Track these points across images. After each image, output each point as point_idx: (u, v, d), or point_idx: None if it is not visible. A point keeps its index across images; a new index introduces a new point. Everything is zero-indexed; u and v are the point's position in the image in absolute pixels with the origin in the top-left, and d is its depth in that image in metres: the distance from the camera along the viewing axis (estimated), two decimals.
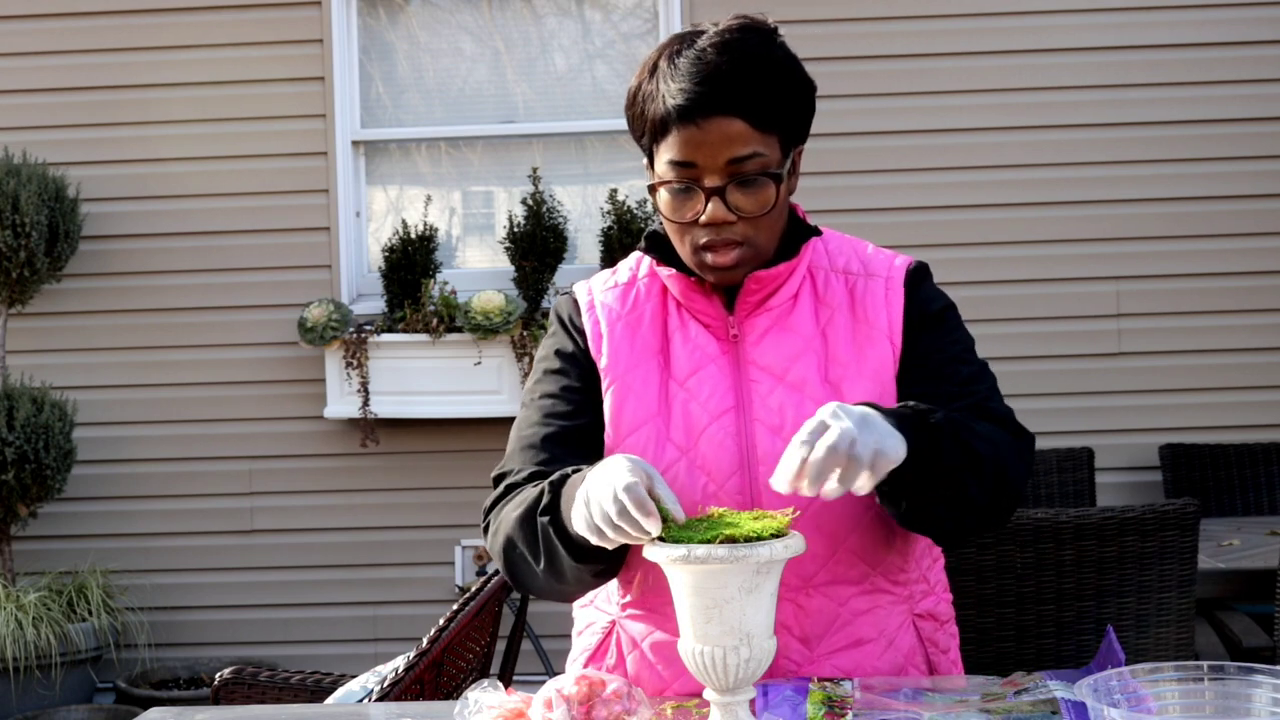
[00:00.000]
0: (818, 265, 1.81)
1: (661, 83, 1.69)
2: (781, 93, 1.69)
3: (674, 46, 1.71)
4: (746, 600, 1.40)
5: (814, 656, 1.72)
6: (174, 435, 4.89)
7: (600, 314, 1.82)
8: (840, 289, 1.79)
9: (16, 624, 4.39)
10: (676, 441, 1.73)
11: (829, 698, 1.55)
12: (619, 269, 1.88)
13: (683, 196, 1.70)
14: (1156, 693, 1.33)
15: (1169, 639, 2.80)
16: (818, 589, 1.71)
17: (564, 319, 1.85)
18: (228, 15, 4.89)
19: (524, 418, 1.83)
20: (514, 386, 4.67)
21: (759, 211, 1.70)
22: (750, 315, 1.76)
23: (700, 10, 4.82)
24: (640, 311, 1.81)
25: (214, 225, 4.89)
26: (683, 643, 1.45)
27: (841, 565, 1.72)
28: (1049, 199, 4.78)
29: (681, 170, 1.69)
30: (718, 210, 1.68)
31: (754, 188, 1.68)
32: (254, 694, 2.76)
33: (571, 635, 1.90)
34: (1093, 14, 4.78)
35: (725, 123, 1.66)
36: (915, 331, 1.76)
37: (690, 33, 1.72)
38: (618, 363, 1.78)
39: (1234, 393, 4.76)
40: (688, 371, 1.76)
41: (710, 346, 1.77)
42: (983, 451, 1.62)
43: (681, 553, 1.40)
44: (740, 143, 1.66)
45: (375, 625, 4.87)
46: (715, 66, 1.66)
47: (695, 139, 1.67)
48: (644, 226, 4.71)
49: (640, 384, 1.76)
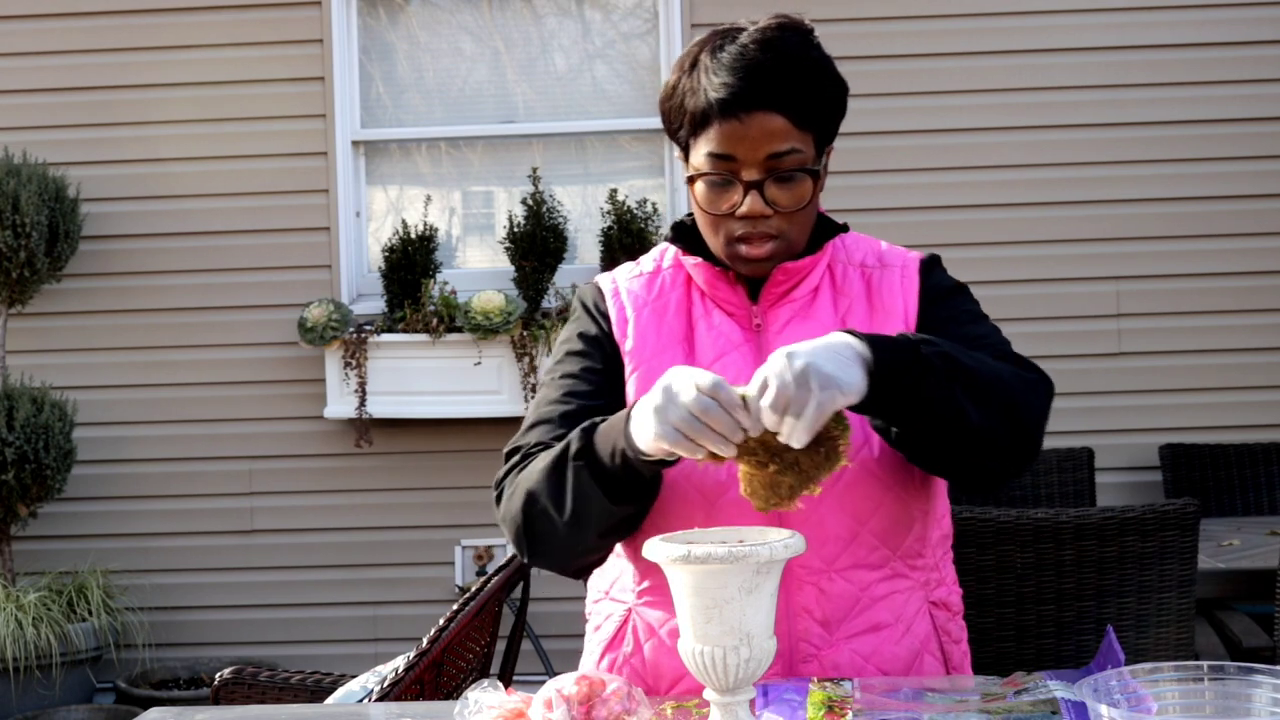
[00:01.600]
0: (836, 259, 1.85)
1: (703, 76, 1.72)
2: (820, 91, 1.73)
3: (715, 42, 1.74)
4: (746, 600, 1.40)
5: (833, 640, 1.73)
6: (174, 435, 4.89)
7: (626, 300, 1.85)
8: (857, 281, 1.83)
9: (16, 624, 4.39)
10: None
11: (829, 698, 1.56)
12: (642, 260, 1.92)
13: (720, 189, 1.74)
14: (1156, 693, 1.33)
15: (1169, 639, 2.80)
16: (840, 573, 1.73)
17: (588, 304, 1.89)
18: (228, 15, 4.89)
19: (542, 395, 1.85)
20: (514, 386, 4.68)
21: (795, 207, 1.74)
22: (773, 306, 1.80)
23: (700, 10, 4.83)
24: (665, 299, 1.84)
25: (214, 225, 4.89)
26: (683, 643, 1.45)
27: (863, 549, 1.74)
28: (1049, 199, 4.78)
29: (720, 163, 1.72)
30: (755, 204, 1.72)
31: (791, 183, 1.73)
32: (254, 694, 2.76)
33: (586, 632, 1.90)
34: (1093, 14, 4.78)
35: (766, 118, 1.69)
36: (929, 309, 1.81)
37: (730, 29, 1.75)
38: (643, 348, 1.81)
39: (1234, 393, 4.76)
40: (711, 358, 1.79)
41: (734, 334, 1.80)
42: (982, 376, 1.63)
43: (682, 553, 1.40)
44: (780, 138, 1.70)
45: (375, 625, 4.87)
46: (758, 62, 1.69)
47: (736, 132, 1.70)
48: (644, 226, 4.71)
49: (663, 369, 1.77)
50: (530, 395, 4.64)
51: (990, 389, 1.63)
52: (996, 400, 1.64)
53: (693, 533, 1.51)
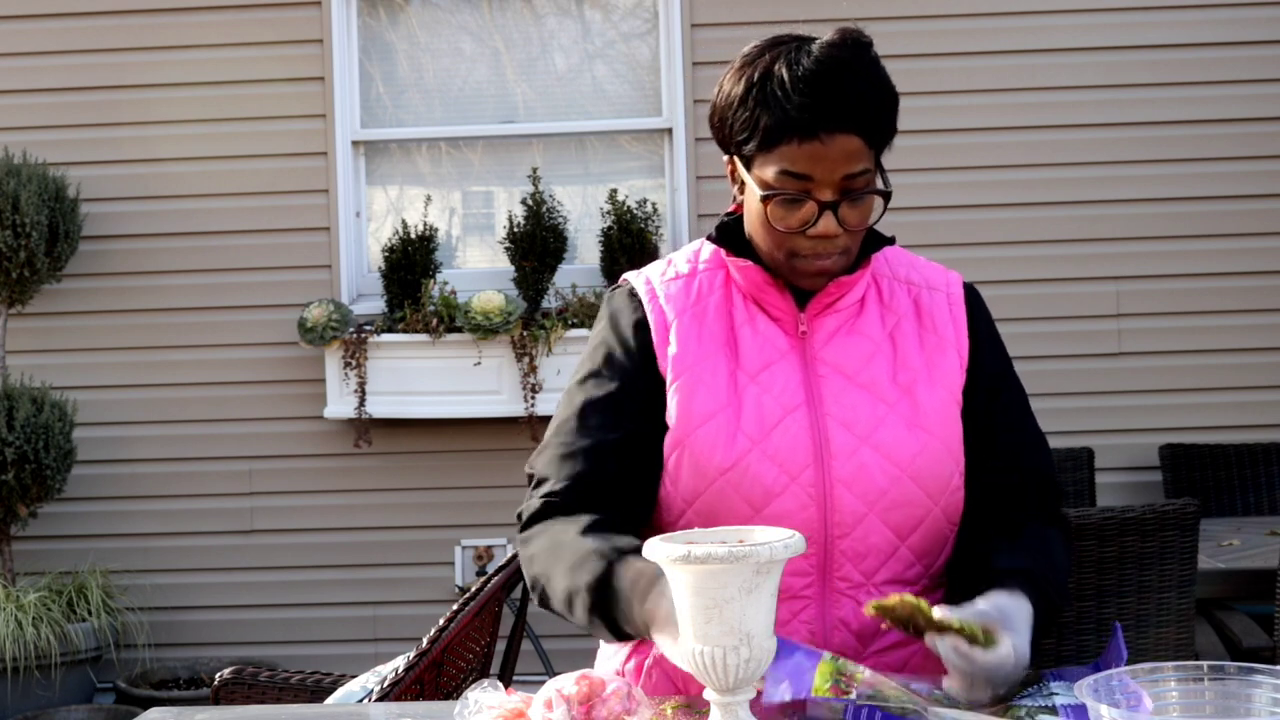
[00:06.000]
0: (880, 273, 1.84)
1: (779, 90, 1.68)
2: (890, 111, 1.73)
3: (786, 54, 1.70)
4: (746, 600, 1.40)
5: (865, 654, 1.73)
6: (174, 435, 4.89)
7: (665, 304, 1.81)
8: (904, 297, 1.83)
9: (16, 624, 4.39)
10: (748, 433, 1.73)
11: (839, 670, 1.54)
12: (675, 259, 1.87)
13: (792, 206, 1.71)
14: (1156, 693, 1.33)
15: (1169, 639, 2.80)
16: (878, 587, 1.73)
17: (620, 317, 1.83)
18: (228, 15, 4.89)
19: (563, 419, 1.81)
20: (514, 386, 4.67)
21: (863, 226, 1.73)
22: (820, 315, 1.78)
23: (700, 10, 4.82)
24: (705, 304, 1.81)
25: (214, 225, 4.89)
26: (683, 643, 1.45)
27: (900, 564, 1.74)
28: (1049, 199, 4.78)
29: (796, 181, 1.69)
30: (829, 224, 1.70)
31: (861, 203, 1.72)
32: (254, 694, 2.76)
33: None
34: (1093, 14, 4.78)
35: (846, 140, 1.67)
36: (979, 351, 1.82)
37: (797, 39, 1.72)
38: (686, 355, 1.77)
39: (1234, 393, 4.76)
40: (759, 365, 1.77)
41: (780, 341, 1.78)
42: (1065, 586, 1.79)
43: (681, 553, 1.40)
44: (856, 159, 1.69)
45: (375, 625, 4.87)
46: (841, 82, 1.67)
47: (817, 153, 1.67)
48: (644, 227, 4.71)
49: (710, 375, 1.76)
50: (530, 395, 4.64)
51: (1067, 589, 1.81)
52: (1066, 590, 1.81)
53: (693, 533, 1.51)
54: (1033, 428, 1.87)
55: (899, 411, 1.74)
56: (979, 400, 1.79)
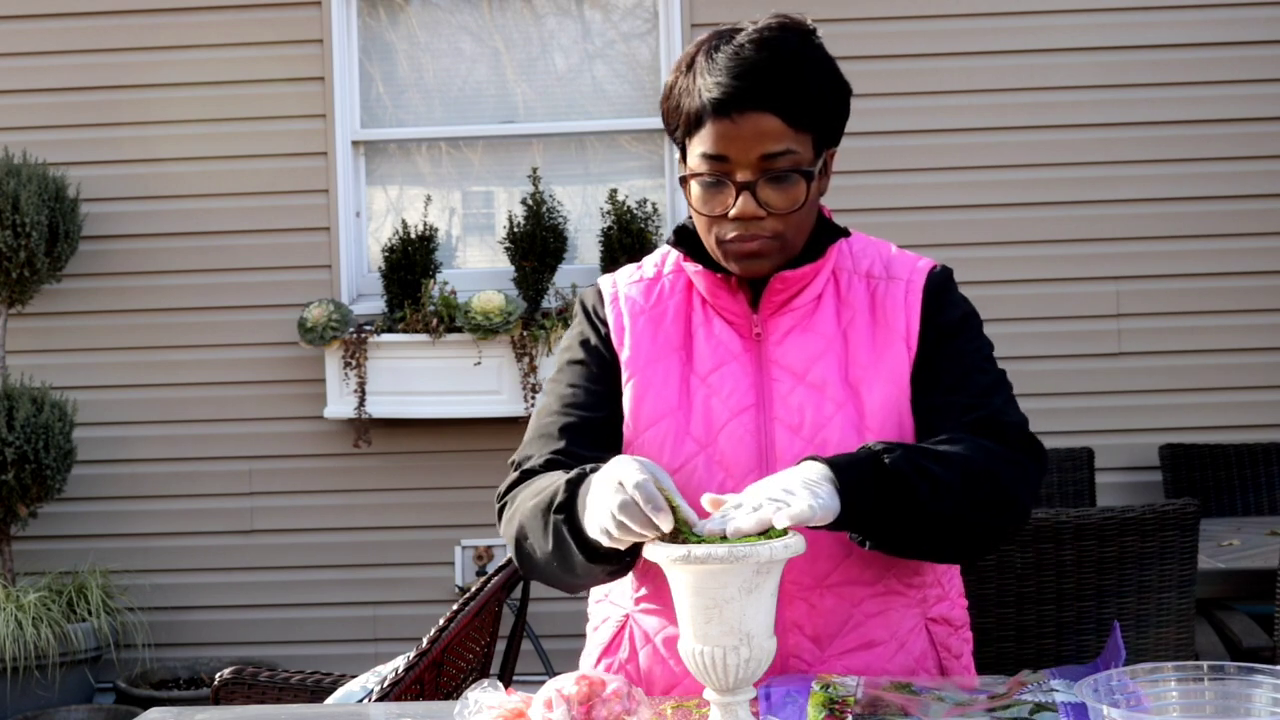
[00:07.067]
0: (841, 267, 1.82)
1: (698, 77, 1.70)
2: (817, 92, 1.70)
3: (712, 42, 1.72)
4: (746, 600, 1.40)
5: (825, 656, 1.72)
6: (174, 435, 4.89)
7: (624, 306, 1.83)
8: (862, 291, 1.80)
9: (16, 624, 4.38)
10: (696, 436, 1.74)
11: (830, 699, 1.55)
12: (644, 264, 1.89)
13: (713, 190, 1.71)
14: (1156, 693, 1.33)
15: (1169, 639, 2.80)
16: (831, 589, 1.72)
17: (588, 309, 1.87)
18: (228, 15, 4.89)
19: (544, 405, 1.84)
20: (514, 386, 4.67)
21: (789, 209, 1.71)
22: (774, 315, 1.78)
23: (700, 10, 4.83)
24: (664, 306, 1.82)
25: (214, 225, 4.89)
26: (682, 643, 1.45)
27: (856, 566, 1.72)
28: (1049, 199, 4.78)
29: (713, 164, 1.70)
30: (747, 205, 1.69)
31: (785, 184, 1.70)
32: (254, 694, 2.76)
33: (586, 631, 1.90)
34: (1093, 14, 4.78)
35: (759, 118, 1.67)
36: (932, 338, 1.77)
37: (729, 30, 1.74)
38: (639, 356, 1.79)
39: (1234, 393, 4.76)
40: (710, 367, 1.77)
41: (733, 344, 1.78)
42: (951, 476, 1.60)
43: (681, 553, 1.40)
44: (773, 139, 1.68)
45: (375, 625, 4.87)
46: (752, 62, 1.67)
47: (729, 133, 1.68)
48: (644, 227, 4.71)
49: (661, 378, 1.77)
50: (530, 395, 4.64)
51: (963, 487, 1.61)
52: (969, 496, 1.62)
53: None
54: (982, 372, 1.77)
55: (846, 412, 1.72)
56: (935, 397, 1.74)
